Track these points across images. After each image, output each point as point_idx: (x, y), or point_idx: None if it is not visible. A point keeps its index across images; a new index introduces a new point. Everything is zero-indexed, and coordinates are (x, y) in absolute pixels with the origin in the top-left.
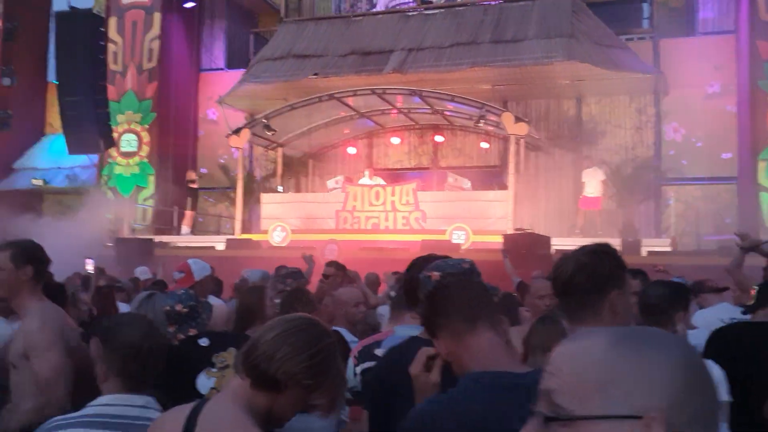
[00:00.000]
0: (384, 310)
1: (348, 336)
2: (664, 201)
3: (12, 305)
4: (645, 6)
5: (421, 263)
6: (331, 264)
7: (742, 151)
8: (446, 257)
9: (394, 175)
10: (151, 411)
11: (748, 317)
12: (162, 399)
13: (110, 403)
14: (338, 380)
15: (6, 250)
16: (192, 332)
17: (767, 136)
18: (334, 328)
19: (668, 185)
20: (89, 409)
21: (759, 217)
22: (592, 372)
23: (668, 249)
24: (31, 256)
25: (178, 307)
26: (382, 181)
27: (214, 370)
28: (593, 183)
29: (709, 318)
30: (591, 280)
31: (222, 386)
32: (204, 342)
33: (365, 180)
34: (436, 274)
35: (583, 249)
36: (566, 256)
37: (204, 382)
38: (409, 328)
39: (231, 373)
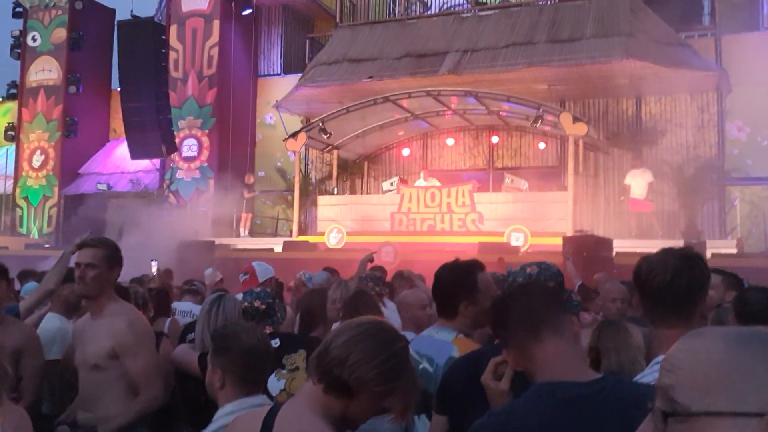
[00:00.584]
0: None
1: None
2: (728, 202)
3: (92, 304)
4: (706, 2)
5: (451, 269)
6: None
7: None
8: (476, 261)
9: (449, 177)
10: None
11: None
12: None
13: (237, 409)
14: (411, 385)
15: (101, 249)
16: (267, 330)
17: None
18: (403, 332)
19: (733, 185)
20: (223, 420)
21: None
22: (717, 369)
23: (734, 251)
24: (120, 257)
25: (257, 304)
26: (437, 183)
27: (284, 371)
28: (641, 184)
29: None
30: (688, 286)
31: (291, 387)
32: (275, 343)
33: (420, 182)
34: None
35: (673, 254)
36: (653, 260)
37: (274, 383)
38: (437, 329)
39: (301, 375)
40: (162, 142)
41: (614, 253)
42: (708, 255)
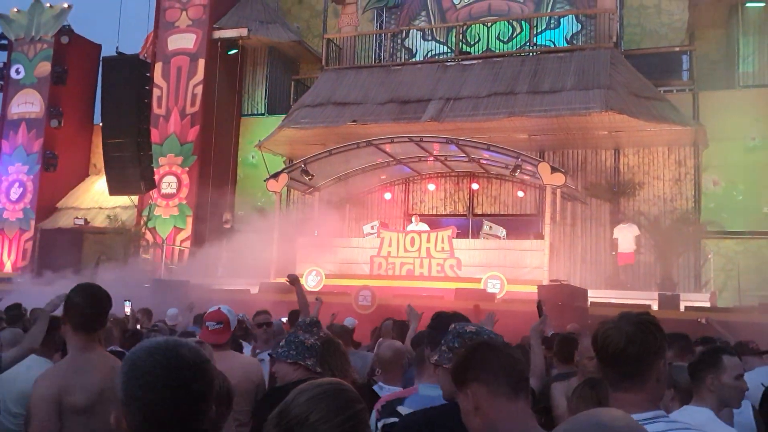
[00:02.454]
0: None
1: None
2: (703, 255)
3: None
4: (685, 58)
5: (445, 320)
6: (262, 312)
7: None
8: (461, 315)
9: (430, 222)
10: None
11: None
12: None
13: None
14: None
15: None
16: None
17: None
18: (388, 386)
19: (708, 238)
20: None
21: None
22: None
23: (707, 304)
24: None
25: (313, 340)
26: (426, 227)
27: None
28: (629, 238)
29: (750, 382)
30: (642, 352)
31: None
32: None
33: (413, 226)
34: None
35: (628, 319)
36: (610, 326)
37: None
38: (432, 387)
39: None
40: (141, 179)
41: (589, 303)
42: (682, 307)
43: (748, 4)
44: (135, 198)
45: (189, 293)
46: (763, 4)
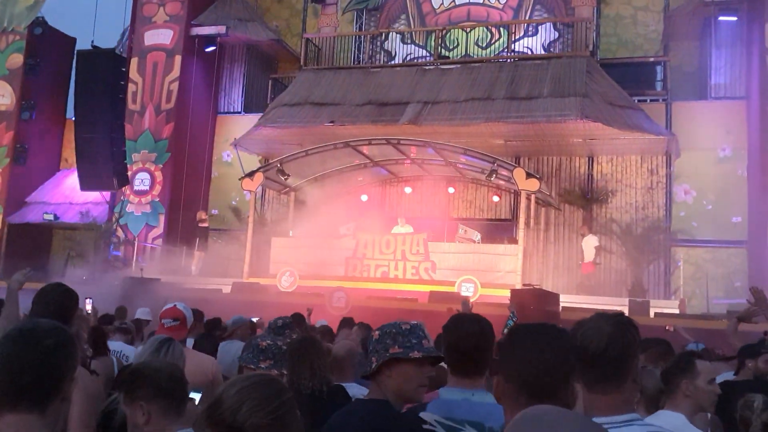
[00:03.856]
0: None
1: (358, 389)
2: (673, 262)
3: None
4: (659, 69)
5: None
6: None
7: (752, 215)
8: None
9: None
10: None
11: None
12: None
13: None
14: None
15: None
16: (284, 371)
17: None
18: (343, 384)
19: (678, 246)
20: None
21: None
22: None
23: (676, 311)
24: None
25: (280, 342)
26: (411, 229)
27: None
28: (589, 248)
29: None
30: (622, 353)
31: None
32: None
33: (399, 228)
34: None
35: (606, 320)
36: (588, 326)
37: None
38: (456, 391)
39: None
40: (113, 175)
41: (561, 308)
42: (651, 314)
43: (720, 17)
44: (107, 194)
45: (160, 292)
46: (735, 18)
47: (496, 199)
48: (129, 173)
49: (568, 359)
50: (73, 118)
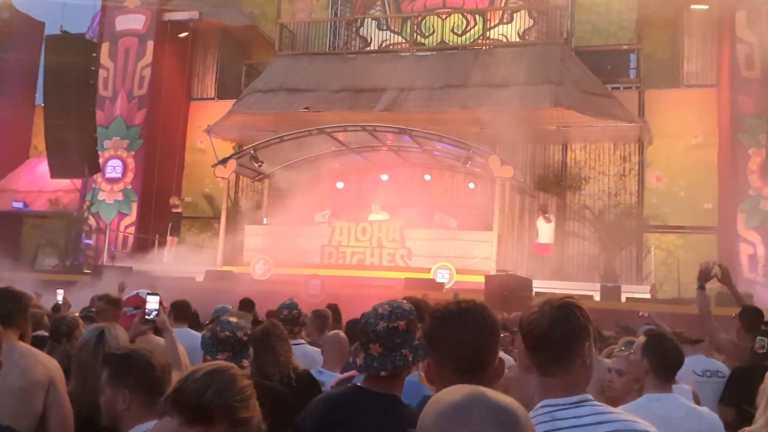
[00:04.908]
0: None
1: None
2: (645, 248)
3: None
4: (632, 56)
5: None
6: (102, 298)
7: (723, 201)
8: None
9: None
10: None
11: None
12: None
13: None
14: (260, 421)
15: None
16: (245, 363)
17: (747, 187)
18: (328, 371)
19: (650, 232)
20: None
21: (738, 267)
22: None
23: (647, 296)
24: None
25: (240, 334)
26: (386, 216)
27: None
28: (546, 229)
29: (683, 370)
30: (566, 334)
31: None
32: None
33: (373, 215)
34: None
35: (551, 304)
36: (533, 311)
37: None
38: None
39: None
40: (84, 162)
41: (533, 293)
42: (623, 299)
43: (693, 6)
44: (78, 181)
45: (132, 280)
46: (707, 7)
47: (471, 186)
48: (100, 160)
49: (494, 335)
50: (43, 105)
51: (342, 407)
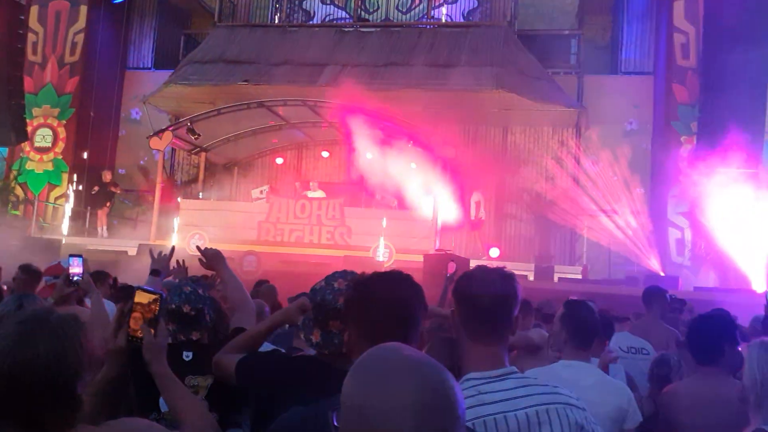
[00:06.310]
0: None
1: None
2: (579, 231)
3: None
4: (573, 42)
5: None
6: (22, 268)
7: (654, 187)
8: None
9: (322, 189)
10: None
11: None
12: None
13: None
14: None
15: None
16: (195, 336)
17: (678, 174)
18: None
19: (584, 216)
20: None
21: (666, 251)
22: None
23: (579, 276)
24: None
25: (186, 309)
26: (323, 194)
27: None
28: (473, 206)
29: (610, 345)
30: (508, 305)
31: None
32: (187, 357)
33: (311, 193)
34: None
35: (491, 272)
36: (475, 278)
37: None
38: None
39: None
40: (11, 130)
41: None
42: (555, 279)
43: None
44: (4, 150)
45: (62, 253)
46: None
47: (413, 165)
48: (29, 129)
49: (420, 302)
50: None
51: (307, 378)
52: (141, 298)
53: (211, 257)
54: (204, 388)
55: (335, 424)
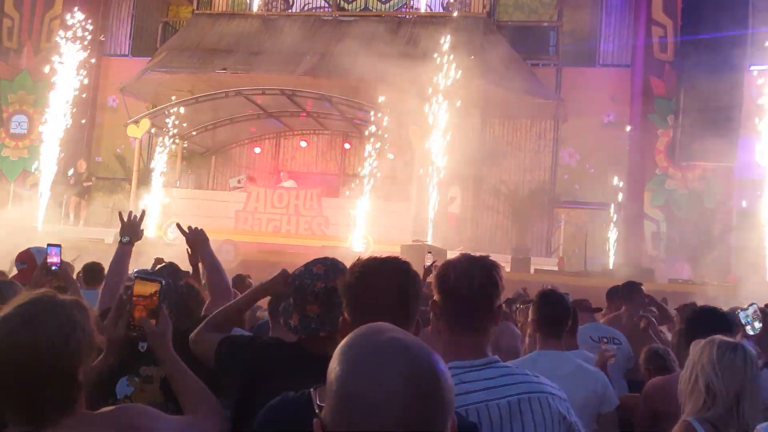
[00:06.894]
0: None
1: None
2: (555, 222)
3: None
4: (552, 34)
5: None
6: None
7: (631, 179)
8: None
9: (300, 178)
10: None
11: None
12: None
13: None
14: None
15: None
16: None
17: (654, 166)
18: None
19: (560, 208)
20: None
21: (642, 244)
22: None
23: (555, 268)
24: None
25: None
26: (294, 184)
27: (137, 379)
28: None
29: (582, 335)
30: (492, 295)
31: (135, 398)
32: (142, 347)
33: (287, 183)
34: None
35: (475, 261)
36: (459, 267)
37: (123, 387)
38: None
39: (151, 390)
40: None
41: None
42: (531, 270)
43: None
44: None
45: (36, 241)
46: None
47: (391, 156)
48: (4, 115)
49: (416, 288)
50: None
51: (291, 363)
52: (141, 287)
53: (195, 235)
54: (158, 379)
55: (318, 402)
